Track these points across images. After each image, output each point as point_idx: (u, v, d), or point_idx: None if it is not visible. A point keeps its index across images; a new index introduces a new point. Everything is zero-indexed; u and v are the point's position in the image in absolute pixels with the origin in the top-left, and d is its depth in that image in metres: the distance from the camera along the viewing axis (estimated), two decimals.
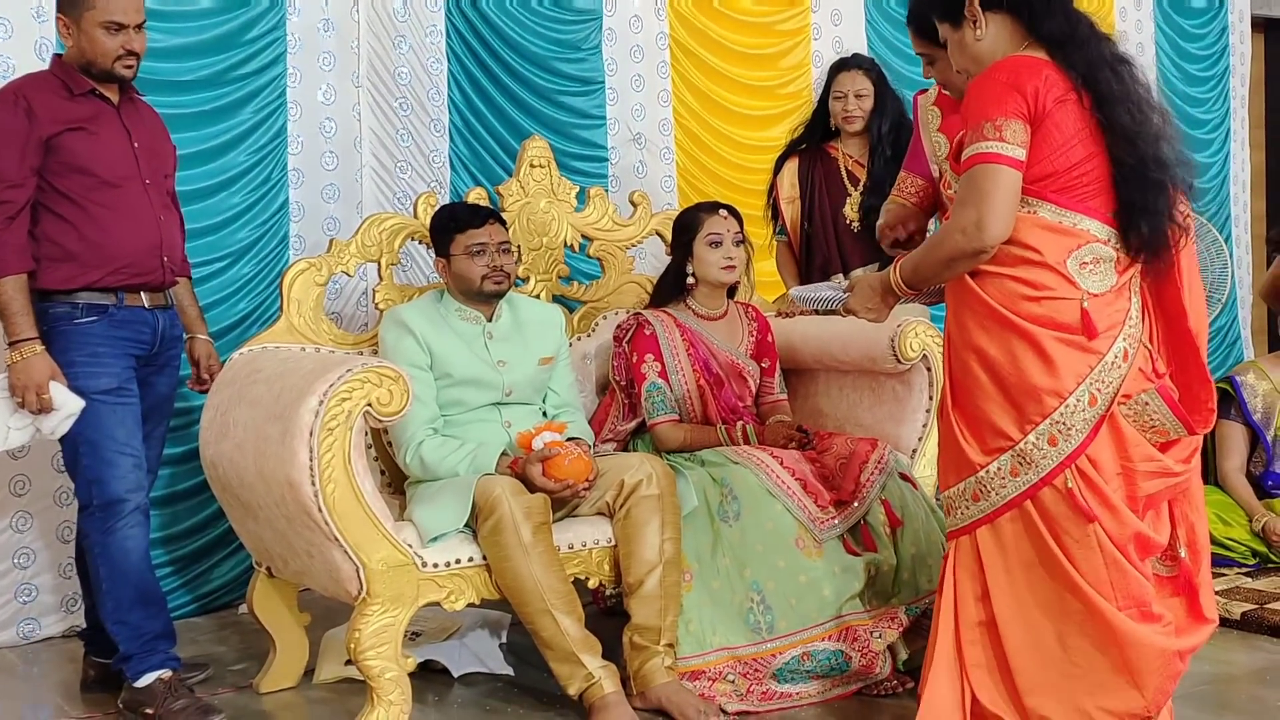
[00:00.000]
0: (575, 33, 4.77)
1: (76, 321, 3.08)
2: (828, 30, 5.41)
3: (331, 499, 2.77)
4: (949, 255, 2.45)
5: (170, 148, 3.34)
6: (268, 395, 2.92)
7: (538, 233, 3.75)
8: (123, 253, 3.10)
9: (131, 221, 3.13)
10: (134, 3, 3.11)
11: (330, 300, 4.16)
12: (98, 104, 3.13)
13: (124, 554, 3.08)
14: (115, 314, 3.11)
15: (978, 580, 2.51)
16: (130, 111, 3.21)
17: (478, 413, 3.27)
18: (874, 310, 2.69)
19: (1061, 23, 2.47)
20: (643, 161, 4.95)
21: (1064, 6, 2.50)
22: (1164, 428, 2.47)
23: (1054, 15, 2.47)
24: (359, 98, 4.37)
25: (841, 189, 4.21)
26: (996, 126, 2.38)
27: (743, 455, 3.34)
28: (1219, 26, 6.76)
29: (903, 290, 2.60)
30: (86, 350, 3.07)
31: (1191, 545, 2.57)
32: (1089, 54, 2.44)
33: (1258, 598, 3.80)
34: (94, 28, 3.07)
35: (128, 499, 3.08)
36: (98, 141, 3.09)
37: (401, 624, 2.88)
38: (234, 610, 4.05)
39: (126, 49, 3.10)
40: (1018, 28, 2.50)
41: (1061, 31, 2.46)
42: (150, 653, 3.10)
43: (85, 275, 3.07)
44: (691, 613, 3.12)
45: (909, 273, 2.57)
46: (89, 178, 3.07)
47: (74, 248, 3.06)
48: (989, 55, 2.51)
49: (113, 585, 3.08)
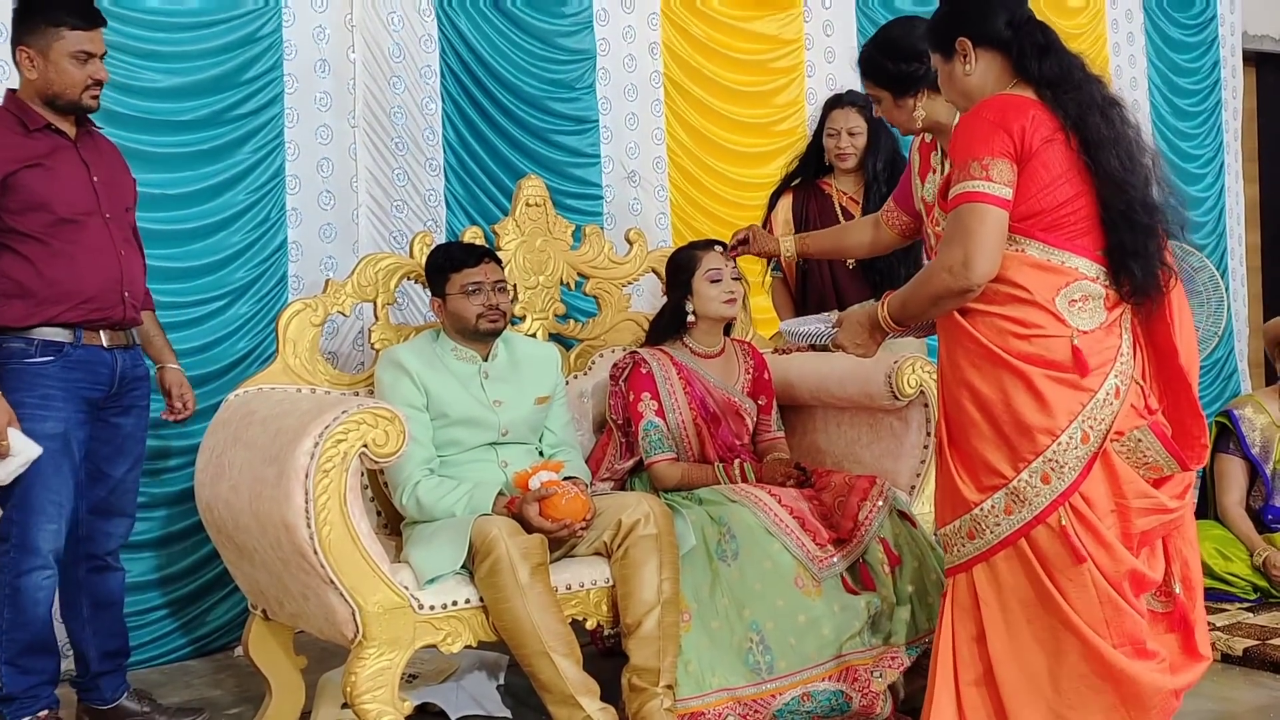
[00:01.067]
0: (569, 72, 4.79)
1: (30, 360, 3.03)
2: (821, 68, 5.44)
3: (327, 541, 2.75)
4: (936, 293, 2.47)
5: (130, 181, 3.30)
6: (263, 437, 2.91)
7: (534, 271, 3.75)
8: (83, 289, 3.07)
9: (92, 257, 3.09)
10: (99, 33, 3.10)
11: (327, 340, 4.15)
12: (55, 139, 3.09)
13: (34, 603, 3.06)
14: (71, 353, 3.07)
15: (974, 619, 2.51)
16: (88, 145, 3.18)
17: (474, 453, 3.26)
18: (862, 345, 2.72)
19: (1053, 65, 2.49)
20: (637, 199, 4.96)
21: (1056, 49, 2.52)
22: (1157, 464, 2.47)
23: (1045, 57, 2.49)
24: (355, 137, 4.39)
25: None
26: (984, 166, 2.39)
27: (740, 494, 3.33)
28: (1210, 61, 6.81)
29: (890, 326, 2.63)
30: (38, 392, 3.03)
31: (1186, 581, 2.58)
32: (1080, 97, 2.46)
33: (1259, 633, 3.78)
34: (63, 58, 3.04)
35: (45, 552, 3.05)
36: (56, 178, 3.05)
37: (398, 667, 2.85)
38: (230, 653, 4.02)
39: (94, 79, 3.09)
40: (1007, 66, 2.53)
41: (1053, 73, 2.48)
42: (35, 699, 3.09)
43: (43, 311, 3.03)
44: (690, 653, 3.09)
45: (897, 309, 2.59)
46: (47, 214, 3.03)
47: (32, 285, 3.02)
48: (977, 91, 2.54)
49: (14, 629, 3.06)
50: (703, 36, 5.13)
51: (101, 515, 3.24)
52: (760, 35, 5.29)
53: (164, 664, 3.94)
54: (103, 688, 3.28)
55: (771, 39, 5.32)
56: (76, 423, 3.10)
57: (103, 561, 3.26)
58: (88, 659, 3.27)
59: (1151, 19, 6.57)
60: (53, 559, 3.08)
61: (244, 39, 4.13)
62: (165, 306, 3.89)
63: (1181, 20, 6.71)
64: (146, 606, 3.93)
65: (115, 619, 3.31)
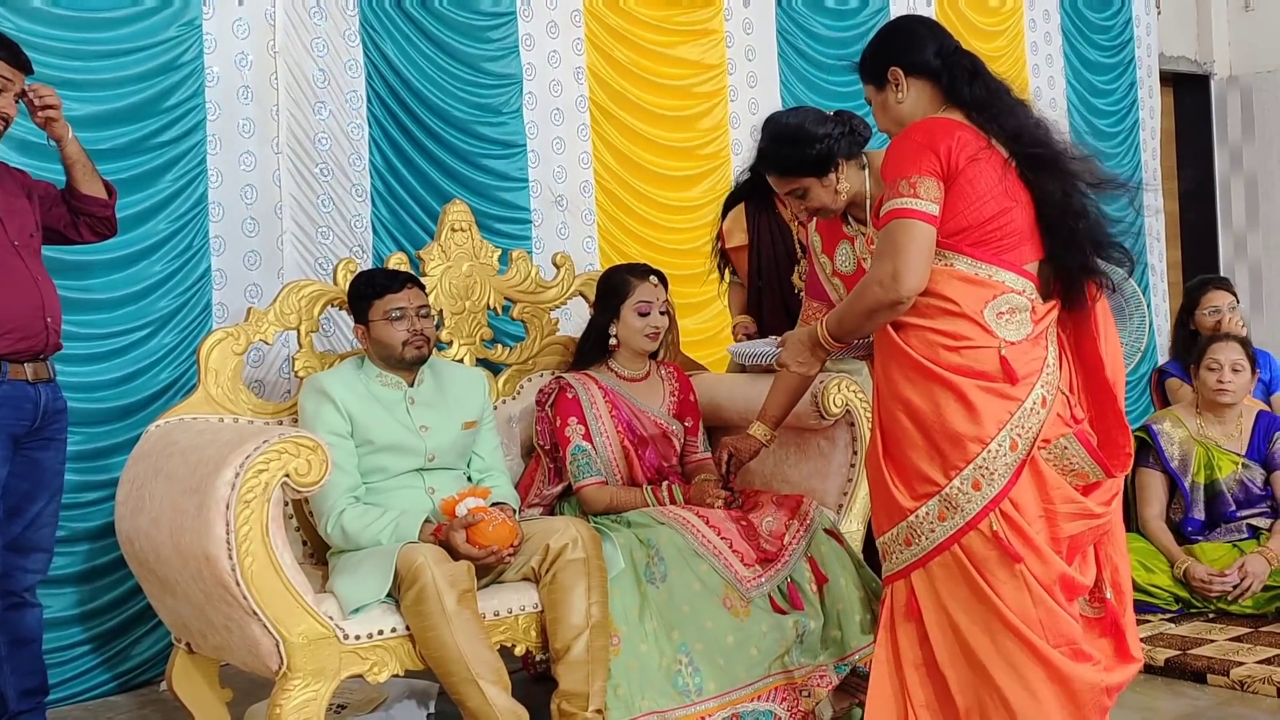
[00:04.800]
0: (495, 97, 4.80)
1: None
2: (744, 92, 5.50)
3: (249, 572, 2.73)
4: (868, 307, 2.53)
5: (28, 206, 3.21)
6: (183, 468, 2.88)
7: (460, 296, 3.74)
8: (6, 319, 3.01)
9: (9, 287, 3.03)
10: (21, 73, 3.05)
11: (252, 369, 4.11)
12: None
13: None
14: None
15: (915, 623, 2.55)
16: None
17: (401, 479, 3.24)
18: (805, 364, 2.81)
19: (981, 89, 2.59)
20: (565, 223, 4.97)
21: (984, 75, 2.63)
22: (1083, 471, 2.54)
23: (974, 81, 2.60)
24: (279, 164, 4.35)
25: (790, 255, 4.06)
26: (911, 184, 2.46)
27: (669, 516, 3.34)
28: (1128, 81, 6.98)
29: (829, 343, 2.70)
30: None
31: (1116, 587, 2.65)
32: (1011, 119, 2.56)
33: (1180, 643, 3.85)
34: None
35: None
36: None
37: (324, 698, 2.83)
38: (154, 688, 3.95)
39: (1, 113, 3.02)
40: (936, 93, 2.63)
41: (982, 96, 2.58)
42: None
43: None
44: (620, 676, 3.09)
45: (834, 326, 2.67)
46: None
47: None
48: (909, 116, 2.64)
49: None
50: (627, 61, 5.16)
51: (19, 551, 3.17)
52: (683, 60, 5.34)
53: (87, 700, 3.86)
54: None
55: (694, 64, 5.37)
56: (2, 458, 3.05)
57: (19, 598, 3.19)
58: (6, 698, 3.20)
59: (1070, 41, 6.72)
60: None
61: (164, 66, 4.08)
62: (85, 338, 3.84)
63: (1099, 42, 6.87)
64: (69, 642, 3.86)
65: (34, 656, 3.24)
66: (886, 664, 2.60)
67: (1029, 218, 2.55)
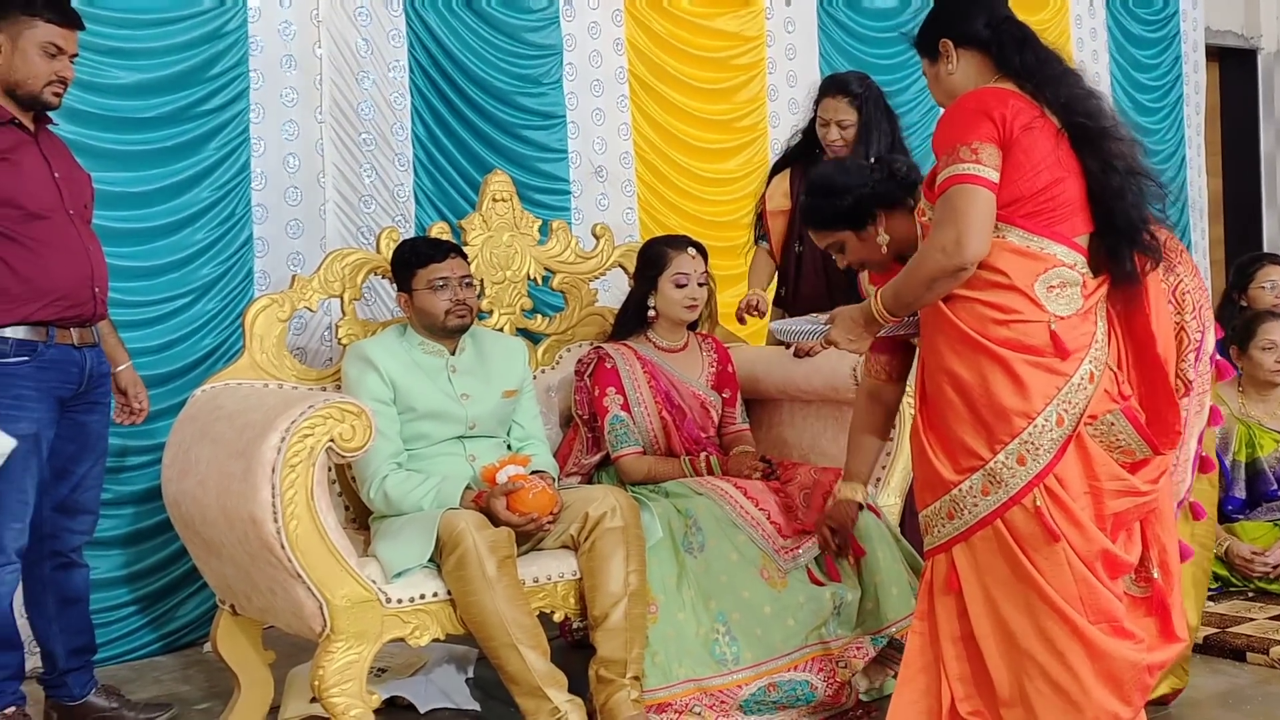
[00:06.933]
0: (536, 67, 4.80)
1: (4, 360, 3.01)
2: (782, 64, 5.48)
3: (294, 535, 2.76)
4: (930, 275, 2.48)
5: (85, 176, 3.27)
6: (230, 432, 2.91)
7: (501, 266, 3.76)
8: (56, 286, 3.05)
9: (62, 254, 3.07)
10: (74, 34, 3.09)
11: (294, 335, 4.15)
12: (17, 133, 3.06)
13: None
14: (44, 353, 3.05)
15: (955, 597, 2.55)
16: (47, 141, 3.15)
17: (441, 446, 3.27)
18: (856, 340, 2.72)
19: (1032, 57, 2.57)
20: (604, 194, 4.98)
21: (1034, 44, 2.60)
22: (1130, 447, 2.52)
23: (1024, 50, 2.57)
24: (322, 133, 4.38)
25: None
26: (973, 149, 2.44)
27: (707, 486, 3.35)
28: (1172, 56, 6.89)
29: (884, 317, 2.62)
30: (11, 393, 3.01)
31: (1163, 566, 2.62)
32: (1062, 87, 2.54)
33: (1219, 621, 3.83)
34: (32, 47, 3.01)
35: (10, 550, 3.05)
36: (20, 172, 3.03)
37: (366, 660, 2.86)
38: (198, 649, 4.01)
39: (60, 75, 3.06)
40: (987, 63, 2.61)
41: (1032, 65, 2.56)
42: (0, 694, 3.08)
43: (17, 310, 3.01)
44: (657, 645, 3.11)
45: (890, 299, 2.60)
46: (15, 210, 3.00)
47: (5, 282, 3.00)
48: (961, 88, 2.62)
49: None
50: (665, 33, 5.15)
51: (66, 513, 3.23)
52: (722, 32, 5.32)
53: (132, 660, 3.93)
54: (70, 684, 3.28)
55: (733, 36, 5.34)
56: (48, 422, 3.10)
57: (68, 559, 3.25)
58: (55, 656, 3.27)
59: (1114, 15, 6.65)
60: (15, 555, 3.07)
61: (209, 35, 4.11)
62: (129, 305, 3.88)
63: (1143, 16, 6.79)
64: (115, 603, 3.92)
65: (81, 615, 3.30)
66: (923, 636, 2.60)
67: (1080, 189, 2.53)
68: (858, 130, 3.95)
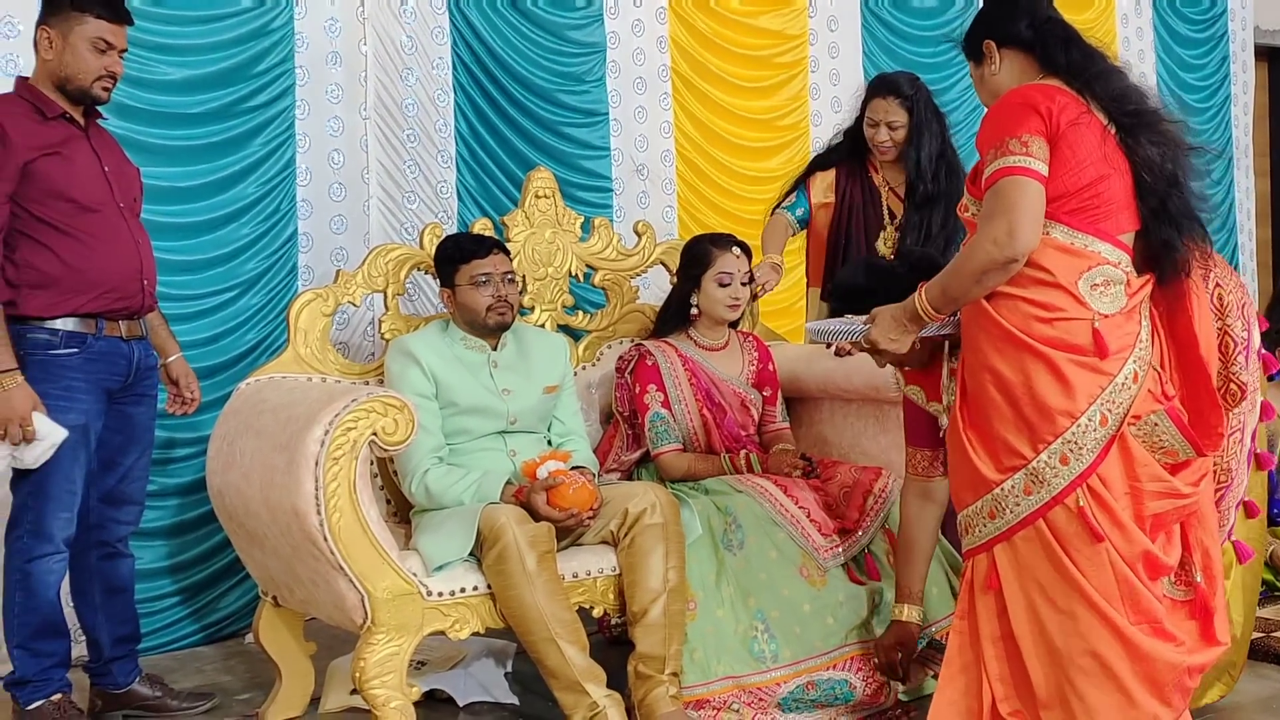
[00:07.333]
0: (579, 65, 4.82)
1: (53, 352, 3.05)
2: (825, 63, 5.46)
3: (337, 528, 2.79)
4: (980, 267, 2.44)
5: (135, 171, 3.31)
6: (274, 425, 2.94)
7: (543, 263, 3.77)
8: (106, 278, 3.09)
9: (112, 246, 3.11)
10: (123, 29, 3.12)
11: (337, 330, 4.18)
12: (68, 128, 3.10)
13: (45, 586, 3.09)
14: (93, 345, 3.09)
15: (995, 596, 2.54)
16: (97, 135, 3.19)
17: (482, 441, 3.29)
18: (896, 340, 2.65)
19: (1078, 55, 2.57)
20: (645, 192, 4.99)
21: (1079, 42, 2.60)
22: (1173, 448, 2.50)
23: (1069, 49, 2.57)
24: (366, 129, 4.41)
25: (878, 220, 4.00)
26: (1022, 142, 2.42)
27: (747, 484, 3.35)
28: (1219, 56, 6.82)
29: (929, 315, 2.57)
30: (61, 383, 3.05)
31: (1207, 570, 2.60)
32: (1108, 84, 2.53)
33: (1265, 626, 3.79)
34: (82, 42, 3.05)
35: (57, 539, 3.09)
36: (72, 166, 3.06)
37: (406, 653, 2.89)
38: (240, 639, 4.05)
39: (109, 71, 3.10)
40: (1031, 63, 2.61)
41: (1078, 62, 2.55)
42: (47, 681, 3.12)
43: (67, 302, 3.05)
44: (696, 641, 3.12)
45: (937, 295, 2.55)
46: (67, 203, 3.04)
47: (56, 274, 3.03)
48: (1005, 88, 2.61)
49: (25, 613, 3.09)
50: (708, 31, 5.15)
51: (112, 503, 3.27)
52: (765, 30, 5.32)
53: (175, 650, 3.97)
54: (115, 673, 3.32)
55: (776, 34, 5.34)
56: (96, 414, 3.14)
57: (114, 549, 3.30)
58: (100, 645, 3.31)
59: (1160, 14, 6.58)
60: (63, 545, 3.11)
61: (255, 31, 4.15)
62: (174, 299, 3.92)
63: (1190, 16, 6.71)
64: (158, 594, 3.97)
65: (126, 605, 3.34)
66: (964, 635, 2.60)
67: (1126, 186, 2.51)
68: (908, 132, 3.93)
